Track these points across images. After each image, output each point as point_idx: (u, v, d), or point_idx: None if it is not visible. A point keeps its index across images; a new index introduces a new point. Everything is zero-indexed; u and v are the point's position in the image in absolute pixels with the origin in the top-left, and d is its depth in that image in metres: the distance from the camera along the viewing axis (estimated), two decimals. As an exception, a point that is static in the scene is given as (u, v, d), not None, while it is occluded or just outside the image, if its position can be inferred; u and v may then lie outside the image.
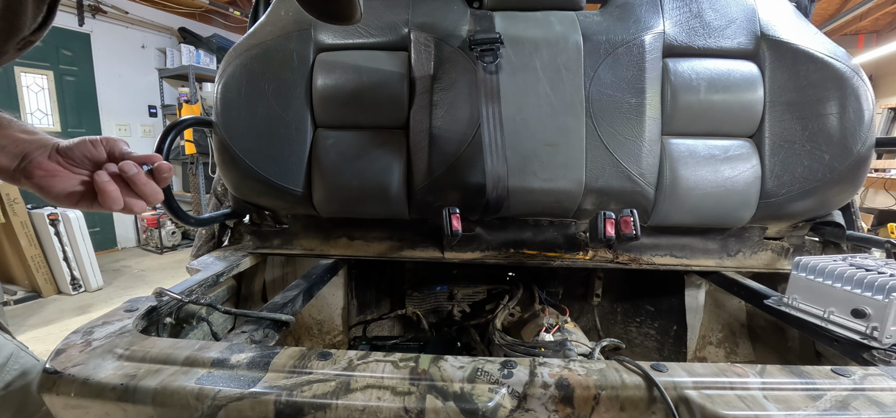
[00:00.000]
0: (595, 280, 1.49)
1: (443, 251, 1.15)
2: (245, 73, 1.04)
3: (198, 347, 0.63)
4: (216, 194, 1.34)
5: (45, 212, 3.45)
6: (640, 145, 1.02)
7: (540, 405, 0.55)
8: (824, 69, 1.00)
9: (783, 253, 1.17)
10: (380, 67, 1.05)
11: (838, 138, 0.99)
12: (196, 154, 4.80)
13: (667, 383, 0.56)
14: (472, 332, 1.36)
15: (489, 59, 1.00)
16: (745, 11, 1.08)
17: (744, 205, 1.05)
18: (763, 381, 0.56)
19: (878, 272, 0.72)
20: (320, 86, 1.05)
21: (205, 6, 5.04)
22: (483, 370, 0.59)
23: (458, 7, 1.10)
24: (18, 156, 0.53)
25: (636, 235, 0.99)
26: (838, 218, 1.13)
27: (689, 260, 1.16)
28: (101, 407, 0.56)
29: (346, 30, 1.08)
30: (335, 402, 0.53)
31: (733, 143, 1.05)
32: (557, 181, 1.01)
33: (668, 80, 1.04)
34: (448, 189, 1.03)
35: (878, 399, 0.54)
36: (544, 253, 1.15)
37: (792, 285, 0.84)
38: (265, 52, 1.05)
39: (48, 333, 2.91)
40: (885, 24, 5.67)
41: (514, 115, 1.00)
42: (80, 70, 4.58)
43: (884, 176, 4.72)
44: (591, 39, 1.04)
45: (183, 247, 5.08)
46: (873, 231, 4.17)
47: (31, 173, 0.53)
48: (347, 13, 0.49)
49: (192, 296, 0.87)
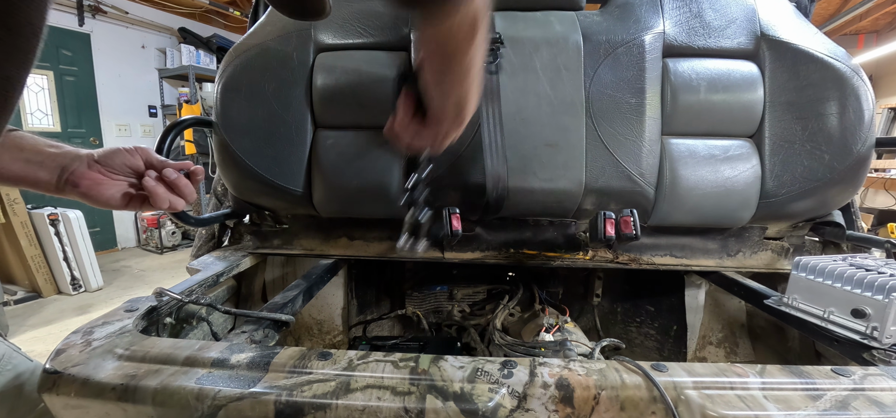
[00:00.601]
0: (595, 280, 1.49)
1: (443, 251, 1.15)
2: (245, 73, 1.04)
3: (198, 347, 0.63)
4: (216, 194, 1.34)
5: (45, 213, 3.45)
6: (640, 145, 1.02)
7: (540, 405, 0.55)
8: (824, 69, 1.00)
9: (783, 253, 1.17)
10: (380, 67, 1.05)
11: (838, 138, 0.99)
12: (196, 154, 4.80)
13: (667, 383, 0.56)
14: (472, 332, 1.36)
15: (489, 59, 1.00)
16: (745, 11, 1.08)
17: (744, 205, 1.05)
18: (763, 381, 0.56)
19: (878, 272, 0.72)
20: (320, 86, 1.05)
21: (205, 6, 5.05)
22: (483, 370, 0.59)
23: (458, 7, 1.10)
24: (57, 169, 0.59)
25: (636, 235, 0.99)
26: (838, 218, 1.13)
27: (689, 260, 1.16)
28: (102, 407, 0.56)
29: (346, 30, 1.08)
30: (335, 402, 0.53)
31: (733, 143, 1.05)
32: (557, 181, 1.01)
33: (668, 80, 1.04)
34: (448, 189, 1.03)
35: (878, 399, 0.54)
36: (544, 253, 1.15)
37: (792, 285, 0.84)
38: (265, 52, 1.05)
39: (48, 333, 2.91)
40: (885, 24, 5.67)
41: (514, 115, 1.00)
42: (80, 70, 4.58)
43: (884, 176, 4.73)
44: (591, 39, 1.04)
45: (183, 248, 5.08)
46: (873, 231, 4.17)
47: (77, 183, 0.59)
48: (317, 8, 0.49)
49: (192, 296, 0.88)
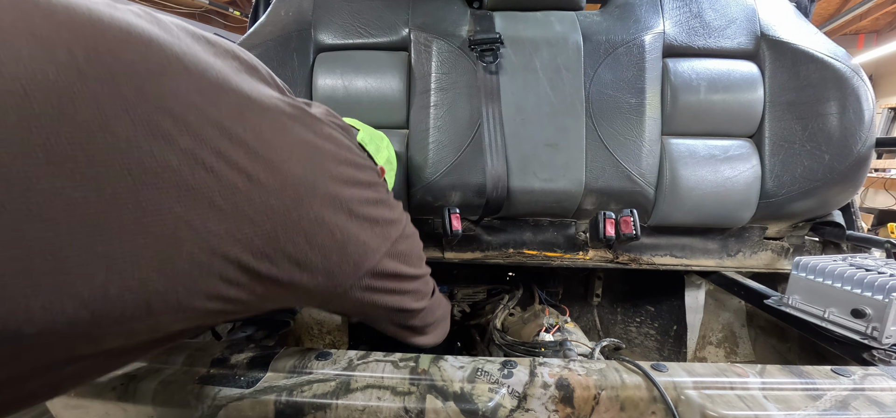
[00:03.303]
0: (595, 280, 1.49)
1: (443, 251, 1.15)
2: (245, 73, 1.04)
3: (198, 347, 0.63)
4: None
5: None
6: (640, 145, 1.02)
7: (540, 405, 0.55)
8: (824, 69, 1.00)
9: (783, 253, 1.17)
10: (380, 67, 1.05)
11: (838, 138, 0.99)
12: (196, 154, 4.79)
13: (667, 383, 0.56)
14: (473, 332, 1.36)
15: (489, 59, 1.00)
16: (745, 11, 1.08)
17: (744, 205, 1.05)
18: (763, 381, 0.56)
19: (877, 272, 0.72)
20: (320, 86, 1.05)
21: (205, 6, 5.05)
22: (483, 370, 0.59)
23: (458, 7, 1.10)
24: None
25: (636, 235, 0.99)
26: (838, 218, 1.13)
27: (689, 260, 1.16)
28: (102, 406, 0.56)
29: (346, 30, 1.08)
30: (335, 402, 0.53)
31: (733, 143, 1.05)
32: (557, 181, 1.01)
33: (668, 80, 1.04)
34: (448, 189, 1.03)
35: (878, 399, 0.54)
36: (544, 253, 1.15)
37: (792, 285, 0.84)
38: (265, 52, 1.05)
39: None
40: (885, 24, 5.67)
41: (514, 115, 1.00)
42: (80, 70, 4.57)
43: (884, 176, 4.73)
44: (591, 39, 1.04)
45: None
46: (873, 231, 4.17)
47: None
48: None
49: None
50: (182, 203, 0.36)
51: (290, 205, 0.43)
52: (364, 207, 0.54)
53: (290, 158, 0.44)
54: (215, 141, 0.38)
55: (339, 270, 0.51)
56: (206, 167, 0.37)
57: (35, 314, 0.29)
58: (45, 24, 0.30)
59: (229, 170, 0.39)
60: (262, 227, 0.41)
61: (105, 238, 0.32)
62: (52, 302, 0.30)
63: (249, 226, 0.40)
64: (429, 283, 0.73)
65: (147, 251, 0.34)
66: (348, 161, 0.54)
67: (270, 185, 0.42)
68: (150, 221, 0.34)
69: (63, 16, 0.31)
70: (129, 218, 0.33)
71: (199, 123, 0.37)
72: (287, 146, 0.45)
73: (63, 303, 0.31)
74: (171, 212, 0.35)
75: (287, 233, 0.44)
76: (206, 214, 0.37)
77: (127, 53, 0.34)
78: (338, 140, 0.55)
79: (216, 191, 0.38)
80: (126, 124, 0.33)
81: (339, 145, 0.54)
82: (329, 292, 0.51)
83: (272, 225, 0.42)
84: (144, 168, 0.33)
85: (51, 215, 0.29)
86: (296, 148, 0.46)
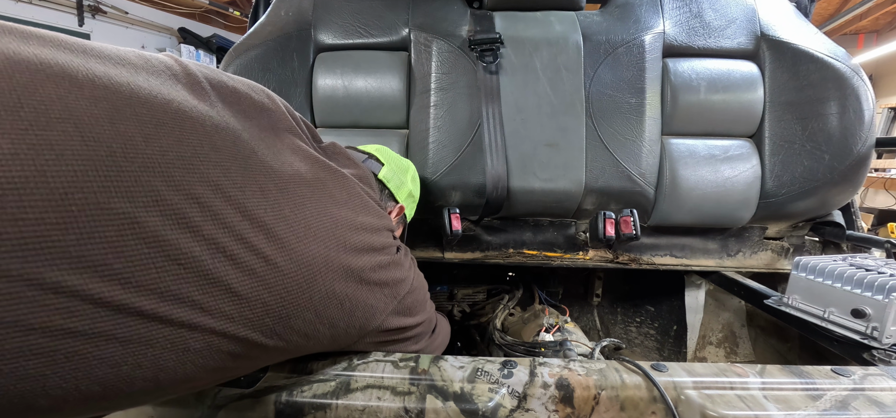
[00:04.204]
0: (595, 280, 1.49)
1: (443, 251, 1.15)
2: (245, 73, 1.04)
3: (198, 347, 0.63)
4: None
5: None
6: (640, 145, 1.02)
7: (540, 405, 0.55)
8: (824, 69, 1.00)
9: (783, 253, 1.17)
10: (380, 67, 1.05)
11: (838, 138, 0.99)
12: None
13: (667, 383, 0.55)
14: (473, 332, 1.36)
15: (489, 59, 1.00)
16: (745, 11, 1.08)
17: (744, 205, 1.05)
18: (763, 381, 0.56)
19: (877, 272, 0.72)
20: (320, 86, 1.05)
21: (205, 6, 5.05)
22: (483, 370, 0.59)
23: (458, 7, 1.10)
24: None
25: (636, 235, 0.99)
26: (838, 218, 1.13)
27: (689, 260, 1.16)
28: (101, 407, 0.56)
29: (346, 30, 1.08)
30: (335, 402, 0.53)
31: (733, 143, 1.05)
32: (557, 181, 1.01)
33: (668, 80, 1.04)
34: (448, 189, 1.03)
35: (878, 399, 0.54)
36: (544, 253, 1.15)
37: (792, 285, 0.84)
38: (265, 52, 1.05)
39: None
40: (885, 24, 5.67)
41: (514, 115, 1.00)
42: (80, 70, 4.57)
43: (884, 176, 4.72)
44: (591, 39, 1.04)
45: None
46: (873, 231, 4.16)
47: None
48: None
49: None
50: (202, 291, 0.37)
51: (303, 285, 0.44)
52: (375, 273, 0.55)
53: (307, 235, 0.45)
54: (237, 226, 0.39)
55: (345, 334, 0.53)
56: (226, 254, 0.38)
57: (51, 390, 0.32)
58: (87, 115, 0.32)
59: (248, 255, 0.40)
60: (274, 309, 0.42)
61: (125, 325, 0.34)
62: (67, 381, 0.32)
63: (262, 308, 0.41)
64: (431, 322, 0.73)
65: (161, 335, 0.35)
66: (364, 226, 0.54)
67: (286, 268, 0.43)
68: (168, 310, 0.35)
69: (104, 105, 0.33)
70: (149, 306, 0.34)
71: (223, 209, 0.38)
72: (304, 222, 0.46)
73: (78, 382, 0.33)
74: (190, 299, 0.36)
75: (298, 312, 0.45)
76: (222, 299, 0.38)
77: (161, 139, 0.35)
78: (356, 201, 0.55)
79: (234, 277, 0.39)
80: (155, 217, 0.34)
81: (356, 208, 0.54)
82: (331, 348, 0.54)
83: (284, 306, 0.43)
84: (170, 258, 0.35)
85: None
86: (313, 222, 0.47)
